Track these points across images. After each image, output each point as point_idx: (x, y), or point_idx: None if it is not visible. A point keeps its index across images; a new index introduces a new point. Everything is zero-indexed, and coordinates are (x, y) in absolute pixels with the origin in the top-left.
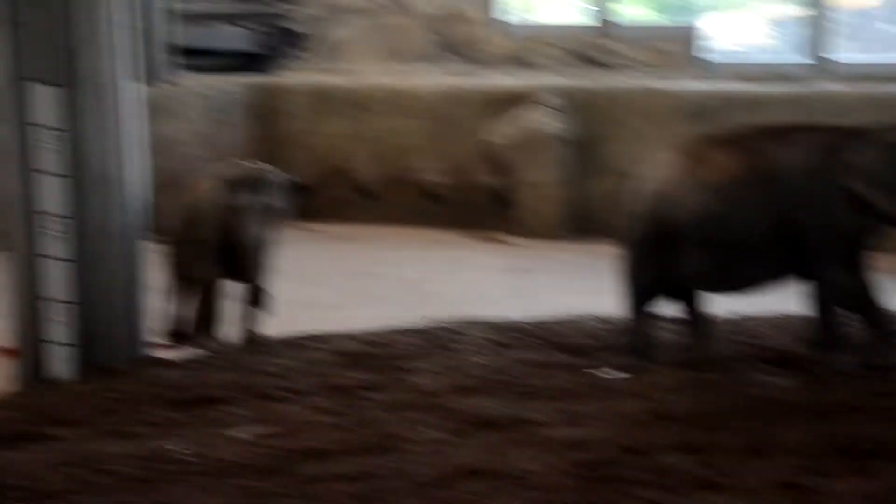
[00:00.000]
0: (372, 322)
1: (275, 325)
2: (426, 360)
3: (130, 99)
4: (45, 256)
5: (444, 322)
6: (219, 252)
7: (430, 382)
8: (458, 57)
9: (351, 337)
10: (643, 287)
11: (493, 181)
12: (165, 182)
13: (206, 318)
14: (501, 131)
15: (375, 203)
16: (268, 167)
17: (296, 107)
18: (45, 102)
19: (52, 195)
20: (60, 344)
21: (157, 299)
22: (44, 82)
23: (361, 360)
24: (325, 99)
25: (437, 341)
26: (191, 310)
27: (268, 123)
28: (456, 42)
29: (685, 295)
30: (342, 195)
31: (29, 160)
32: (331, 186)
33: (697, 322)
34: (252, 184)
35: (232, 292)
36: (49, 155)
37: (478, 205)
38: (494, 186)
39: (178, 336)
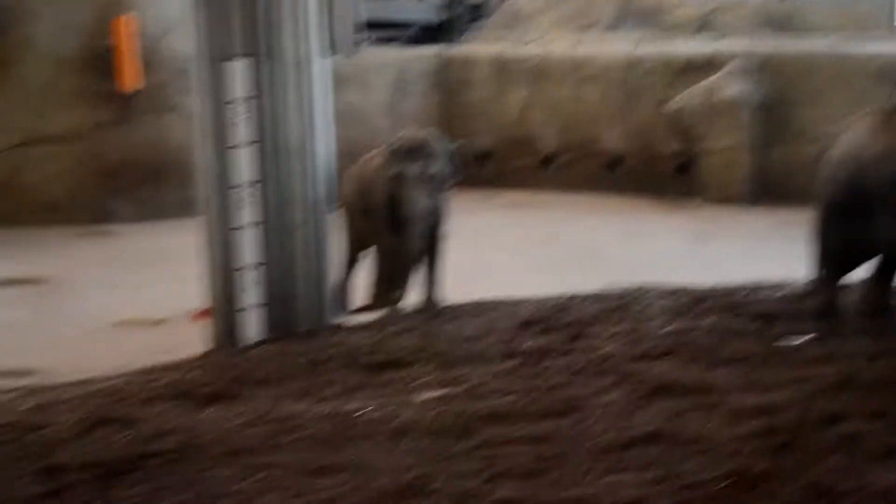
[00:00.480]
0: (552, 288)
1: (455, 290)
2: (607, 326)
3: (320, 71)
4: (237, 228)
5: (625, 288)
6: (390, 220)
7: (611, 348)
8: (644, 24)
9: (531, 302)
10: (835, 253)
11: (677, 148)
12: (351, 152)
13: (388, 283)
14: (687, 98)
15: (556, 171)
16: (435, 134)
17: (478, 76)
18: (241, 77)
19: (244, 165)
20: (252, 307)
21: (341, 265)
22: (240, 56)
23: (542, 325)
24: (506, 68)
25: (618, 307)
26: (370, 276)
27: (450, 93)
28: (641, 9)
29: (878, 261)
30: (523, 163)
31: (225, 137)
32: (511, 154)
33: (887, 288)
34: (417, 152)
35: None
36: (242, 128)
37: (661, 172)
38: (678, 153)
39: (362, 301)
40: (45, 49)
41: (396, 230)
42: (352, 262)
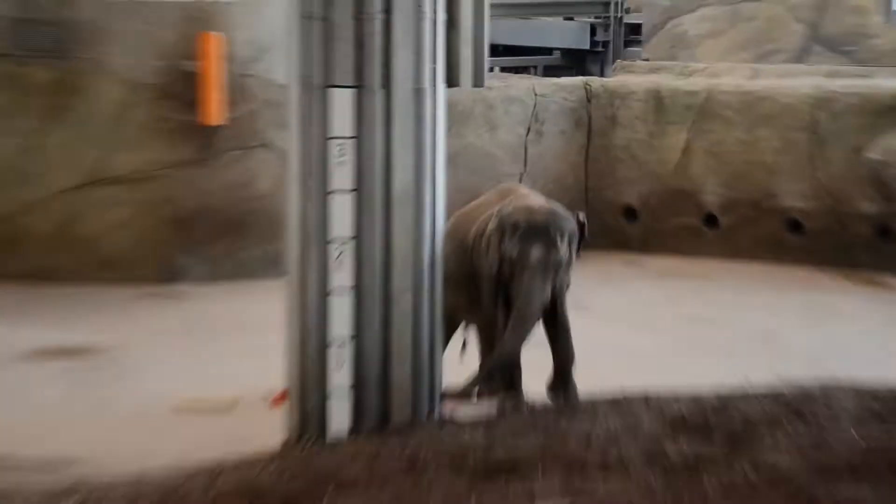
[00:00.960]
0: (710, 380)
1: (590, 380)
2: (779, 432)
3: (437, 105)
4: (330, 293)
5: (805, 384)
6: (495, 297)
7: (784, 461)
8: (836, 53)
9: (685, 398)
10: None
11: (876, 208)
12: (467, 202)
13: (504, 371)
14: (890, 145)
15: (722, 233)
16: (561, 210)
17: (629, 114)
18: (345, 109)
19: (344, 215)
20: (341, 391)
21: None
22: (345, 85)
23: (696, 427)
24: (664, 104)
25: (794, 408)
26: (485, 361)
27: (593, 134)
28: (833, 35)
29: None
30: (681, 222)
31: (324, 181)
32: (667, 211)
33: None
34: (541, 233)
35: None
36: (344, 170)
37: (855, 238)
38: (879, 215)
39: (474, 390)
40: (116, 73)
41: (505, 311)
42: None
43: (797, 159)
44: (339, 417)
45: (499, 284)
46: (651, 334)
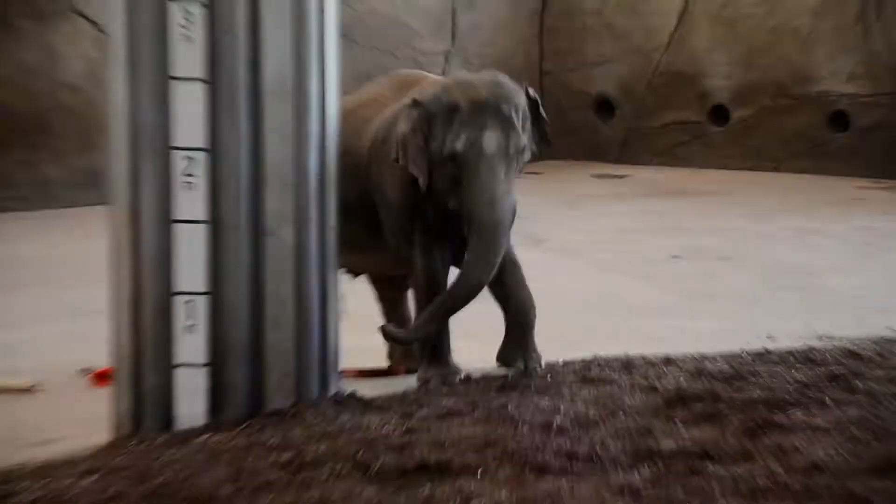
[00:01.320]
0: (719, 340)
1: (551, 340)
2: (814, 409)
3: None
4: (179, 221)
5: (851, 341)
6: (435, 224)
7: (820, 451)
8: None
9: (685, 364)
10: None
11: None
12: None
13: (429, 328)
14: None
15: (733, 131)
16: (506, 78)
17: None
18: None
19: (193, 115)
20: (191, 366)
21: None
22: None
23: (698, 405)
24: None
25: (836, 375)
26: (396, 317)
27: None
28: None
29: None
30: (677, 118)
31: (163, 63)
32: (656, 103)
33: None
34: (491, 111)
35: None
36: (192, 52)
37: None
38: None
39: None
40: None
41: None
42: (378, 292)
43: (843, 23)
44: (191, 401)
45: (415, 210)
46: (635, 278)
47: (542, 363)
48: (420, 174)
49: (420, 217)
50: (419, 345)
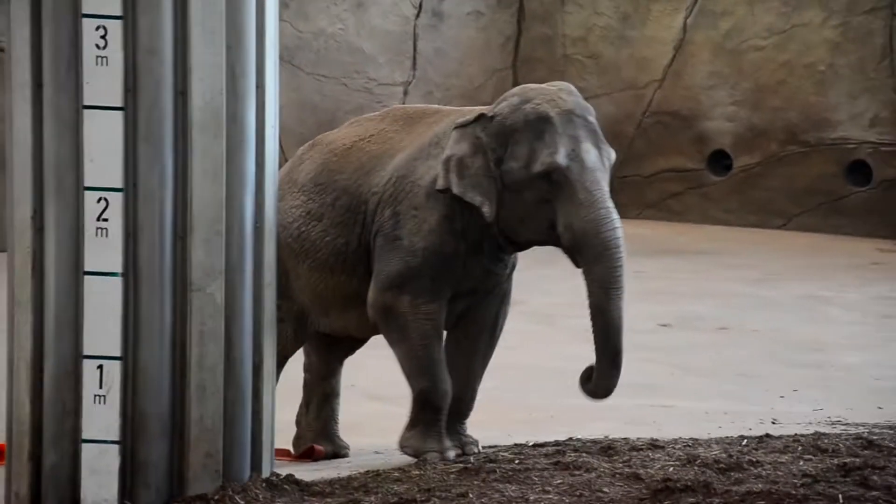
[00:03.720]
0: (714, 419)
1: (516, 418)
2: None
3: None
4: (86, 278)
5: (866, 430)
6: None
7: None
8: None
9: (669, 449)
10: None
11: None
12: (316, 128)
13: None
14: None
15: (735, 181)
16: (556, 88)
17: None
18: None
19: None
20: (104, 444)
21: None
22: None
23: (687, 495)
24: None
25: (846, 466)
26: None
27: (528, 17)
28: None
29: None
30: (668, 163)
31: (78, 88)
32: (647, 146)
33: None
34: (586, 124)
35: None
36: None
37: None
38: None
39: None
40: None
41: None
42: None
43: (866, 58)
44: (100, 485)
45: (440, 257)
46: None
47: (480, 448)
48: (486, 201)
49: (439, 265)
50: (414, 410)
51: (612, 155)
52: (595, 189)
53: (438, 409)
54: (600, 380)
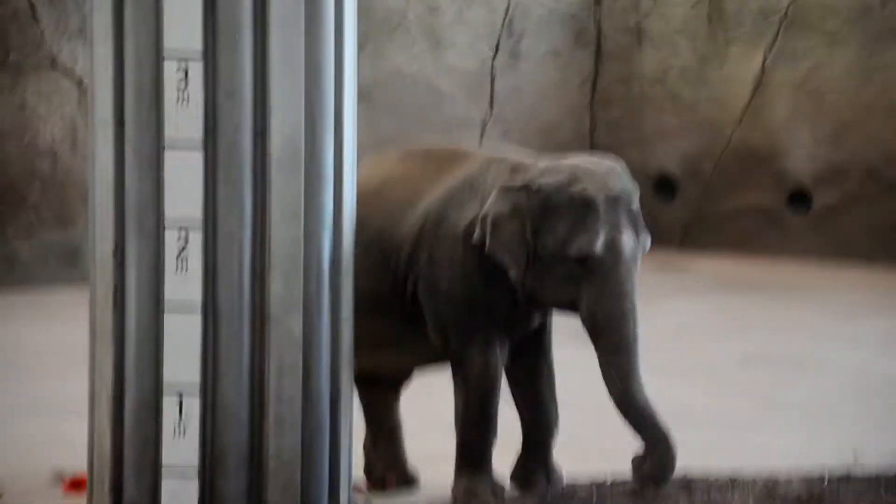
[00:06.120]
0: (795, 457)
1: (593, 455)
2: None
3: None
4: (165, 312)
5: None
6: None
7: None
8: None
9: (749, 485)
10: None
11: None
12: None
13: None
14: None
15: (816, 218)
16: (605, 167)
17: (665, 23)
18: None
19: (187, 186)
20: (185, 474)
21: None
22: None
23: None
24: (726, 8)
25: None
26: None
27: (605, 57)
28: None
29: None
30: (746, 201)
31: (158, 126)
32: (725, 185)
33: None
34: (626, 211)
35: None
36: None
37: None
38: None
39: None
40: None
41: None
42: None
43: None
44: None
45: (478, 302)
46: (696, 384)
47: (565, 482)
48: (514, 265)
49: (482, 310)
50: (459, 450)
51: (648, 242)
52: (625, 282)
53: (483, 457)
54: (658, 467)
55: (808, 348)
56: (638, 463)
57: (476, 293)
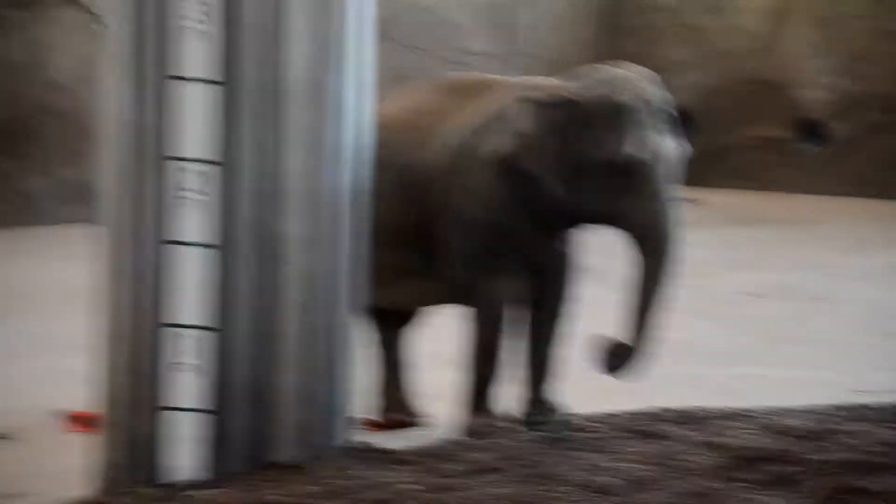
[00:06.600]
0: (805, 392)
1: (601, 390)
2: None
3: None
4: (172, 243)
5: None
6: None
7: None
8: None
9: (756, 416)
10: None
11: None
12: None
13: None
14: None
15: (831, 150)
16: (639, 76)
17: None
18: None
19: (199, 121)
20: (186, 411)
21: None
22: None
23: (767, 463)
24: None
25: None
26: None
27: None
28: None
29: None
30: (760, 132)
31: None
32: (740, 116)
33: None
34: (664, 116)
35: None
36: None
37: None
38: None
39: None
40: None
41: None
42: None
43: None
44: (187, 453)
45: (504, 229)
46: (706, 319)
47: (562, 415)
48: (557, 182)
49: (502, 239)
50: (467, 388)
51: (689, 149)
52: (666, 186)
53: (482, 394)
54: (627, 360)
55: (818, 282)
56: (616, 349)
57: (500, 220)
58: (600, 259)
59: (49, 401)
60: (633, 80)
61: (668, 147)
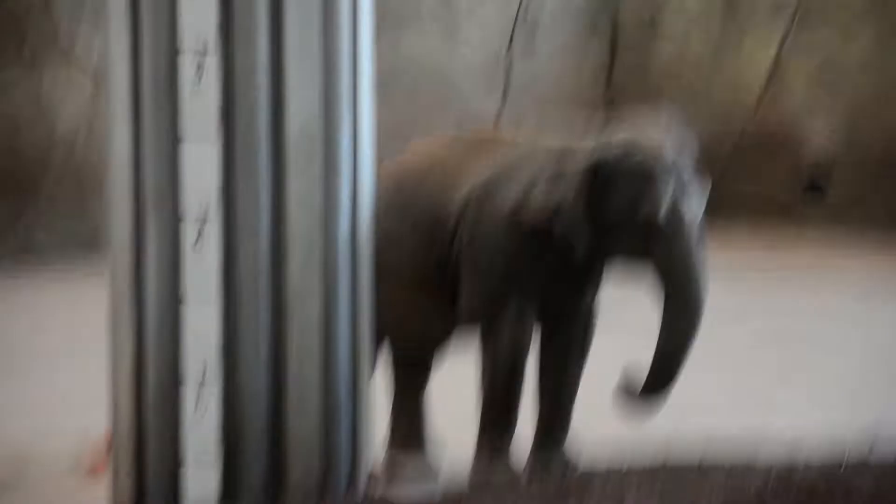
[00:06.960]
0: (813, 437)
1: (613, 433)
2: None
3: None
4: (183, 301)
5: None
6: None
7: None
8: None
9: (768, 467)
10: None
11: None
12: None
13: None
14: None
15: (832, 206)
16: (658, 127)
17: (678, 13)
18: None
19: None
20: (205, 457)
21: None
22: None
23: None
24: None
25: None
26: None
27: (620, 47)
28: None
29: None
30: (762, 188)
31: (174, 118)
32: (741, 171)
33: None
34: (686, 175)
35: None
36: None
37: None
38: None
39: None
40: None
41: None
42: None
43: None
44: (200, 496)
45: (519, 275)
46: (715, 365)
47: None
48: (580, 241)
49: (519, 285)
50: (480, 432)
51: (706, 195)
52: (691, 245)
53: (502, 440)
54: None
55: (831, 330)
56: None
57: (515, 267)
58: (615, 308)
59: (56, 454)
60: (653, 141)
61: (689, 206)
